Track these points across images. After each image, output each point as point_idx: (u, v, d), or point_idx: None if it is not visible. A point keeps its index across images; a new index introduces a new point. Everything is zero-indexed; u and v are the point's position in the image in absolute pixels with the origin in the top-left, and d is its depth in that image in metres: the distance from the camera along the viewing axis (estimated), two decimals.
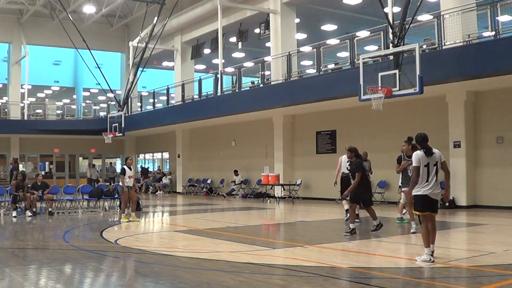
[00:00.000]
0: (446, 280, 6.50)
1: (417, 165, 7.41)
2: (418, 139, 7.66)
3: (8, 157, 30.24)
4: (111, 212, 16.43)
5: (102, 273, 7.26)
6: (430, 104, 17.27)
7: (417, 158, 7.43)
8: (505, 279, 6.38)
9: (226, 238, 10.06)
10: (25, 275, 7.13)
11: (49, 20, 31.55)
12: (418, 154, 7.45)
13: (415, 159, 7.44)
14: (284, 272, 7.10)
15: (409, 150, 10.39)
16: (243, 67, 23.50)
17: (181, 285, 6.34)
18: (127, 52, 32.74)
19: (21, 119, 30.45)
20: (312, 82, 18.74)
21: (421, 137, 7.67)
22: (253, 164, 24.41)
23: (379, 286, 6.17)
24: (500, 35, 14.04)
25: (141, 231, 12.36)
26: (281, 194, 21.31)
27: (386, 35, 15.62)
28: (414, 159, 7.46)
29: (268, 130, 23.45)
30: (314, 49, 19.24)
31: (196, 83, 25.53)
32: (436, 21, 15.07)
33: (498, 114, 16.09)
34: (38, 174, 17.16)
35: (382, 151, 18.87)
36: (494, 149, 16.06)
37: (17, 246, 9.79)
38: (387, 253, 8.54)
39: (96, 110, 34.52)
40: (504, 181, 15.76)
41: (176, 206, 20.92)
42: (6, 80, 35.06)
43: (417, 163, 7.41)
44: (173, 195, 27.60)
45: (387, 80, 14.21)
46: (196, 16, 26.63)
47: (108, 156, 37.14)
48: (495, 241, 9.65)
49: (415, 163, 7.43)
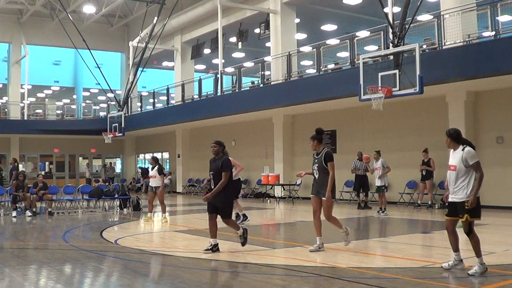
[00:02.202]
0: (446, 280, 6.50)
1: (478, 159, 6.57)
2: (456, 135, 6.70)
3: (8, 157, 30.21)
4: (111, 212, 16.43)
5: (102, 273, 7.25)
6: (430, 104, 17.26)
7: (474, 153, 6.54)
8: (505, 279, 6.38)
9: (226, 238, 10.05)
10: (25, 275, 7.12)
11: (49, 20, 31.55)
12: (472, 151, 6.55)
13: (474, 155, 6.52)
14: (284, 272, 7.09)
15: (318, 146, 8.85)
16: (243, 67, 23.50)
17: (181, 285, 6.34)
18: (127, 52, 32.72)
19: (21, 119, 30.45)
20: (312, 82, 18.73)
21: (457, 133, 6.76)
22: (253, 164, 24.39)
23: (379, 286, 6.17)
24: (500, 35, 14.04)
25: (141, 231, 12.35)
26: (281, 194, 21.31)
27: (386, 35, 15.62)
28: (473, 155, 6.52)
29: (268, 130, 23.45)
30: (314, 49, 19.24)
31: (196, 83, 25.53)
32: (436, 21, 15.07)
33: (498, 114, 16.08)
34: (39, 175, 17.17)
35: (382, 151, 18.81)
36: (494, 149, 16.05)
37: (17, 246, 9.78)
38: (387, 253, 8.54)
39: (96, 110, 34.55)
40: (504, 181, 15.76)
41: (176, 206, 20.91)
42: (6, 80, 35.06)
43: (477, 158, 6.57)
44: (173, 195, 27.59)
45: (387, 80, 14.21)
46: (196, 16, 26.64)
47: (108, 156, 37.14)
48: (495, 241, 9.64)
49: (476, 159, 6.52)
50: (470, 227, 6.55)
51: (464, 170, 6.53)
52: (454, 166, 6.61)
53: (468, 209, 6.45)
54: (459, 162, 6.57)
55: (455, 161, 6.61)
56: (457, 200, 6.56)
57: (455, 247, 6.81)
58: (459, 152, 6.63)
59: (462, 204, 6.51)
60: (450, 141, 6.76)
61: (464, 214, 6.49)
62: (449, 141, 6.76)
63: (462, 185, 6.52)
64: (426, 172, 16.53)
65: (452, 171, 6.65)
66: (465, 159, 6.51)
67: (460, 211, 6.53)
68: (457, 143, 6.70)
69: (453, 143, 6.74)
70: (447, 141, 6.78)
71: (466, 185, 6.51)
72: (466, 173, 6.53)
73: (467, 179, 6.52)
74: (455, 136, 6.72)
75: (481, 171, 6.51)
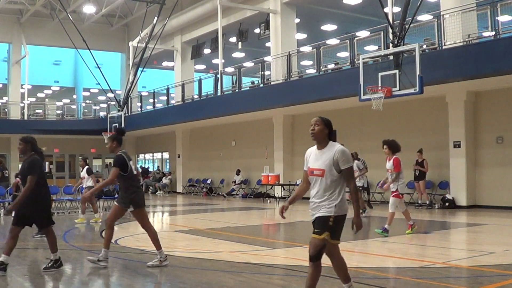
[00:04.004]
0: (446, 280, 6.50)
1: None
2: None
3: (8, 157, 30.25)
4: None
5: (102, 273, 7.25)
6: (430, 104, 17.26)
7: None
8: (505, 279, 6.38)
9: (226, 238, 10.06)
10: (25, 275, 7.13)
11: (49, 20, 31.55)
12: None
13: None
14: (284, 272, 7.10)
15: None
16: (243, 67, 23.51)
17: (181, 285, 6.34)
18: (127, 52, 32.74)
19: (21, 119, 30.47)
20: (312, 82, 18.73)
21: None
22: (253, 164, 24.40)
23: (379, 286, 6.17)
24: (500, 35, 14.04)
25: (141, 231, 12.34)
26: (281, 194, 21.31)
27: (386, 35, 15.62)
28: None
29: (268, 130, 23.44)
30: (314, 49, 19.24)
31: (196, 83, 25.53)
32: (436, 21, 15.07)
33: (498, 114, 16.08)
34: None
35: (382, 151, 18.85)
36: (494, 149, 16.05)
37: (17, 246, 9.76)
38: (387, 253, 8.54)
39: (96, 110, 34.55)
40: (504, 181, 15.76)
41: (176, 206, 20.92)
42: (6, 80, 35.08)
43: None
44: (173, 195, 27.60)
45: (387, 80, 14.21)
46: (196, 16, 26.64)
47: (108, 156, 37.13)
48: (495, 241, 9.65)
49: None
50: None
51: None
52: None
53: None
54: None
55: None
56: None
57: None
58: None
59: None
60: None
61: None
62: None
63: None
64: (419, 173, 16.57)
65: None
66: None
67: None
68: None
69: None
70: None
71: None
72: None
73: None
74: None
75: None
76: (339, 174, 4.87)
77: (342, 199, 4.88)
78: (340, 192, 4.89)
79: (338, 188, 4.89)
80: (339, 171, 4.86)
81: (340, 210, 4.87)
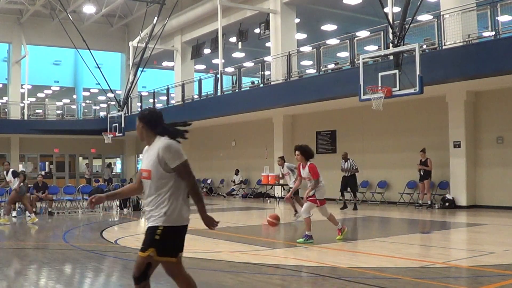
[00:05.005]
0: (446, 280, 6.50)
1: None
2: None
3: (8, 157, 30.25)
4: (111, 212, 16.43)
5: (102, 273, 7.26)
6: (430, 104, 17.26)
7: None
8: (505, 279, 6.38)
9: (226, 238, 10.05)
10: (25, 275, 7.13)
11: (49, 20, 31.55)
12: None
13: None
14: (284, 272, 7.09)
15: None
16: (243, 67, 23.49)
17: None
18: (127, 52, 32.72)
19: (21, 119, 30.45)
20: (312, 82, 18.73)
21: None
22: (253, 164, 24.40)
23: (379, 286, 6.17)
24: (500, 35, 14.04)
25: (141, 231, 12.34)
26: (281, 194, 21.30)
27: (386, 35, 15.62)
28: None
29: (268, 130, 23.44)
30: (314, 49, 19.24)
31: (196, 83, 25.52)
32: (436, 21, 15.06)
33: (498, 114, 16.08)
34: (39, 175, 17.19)
35: (382, 151, 18.89)
36: (494, 149, 16.05)
37: (17, 246, 9.78)
38: (387, 253, 8.54)
39: (96, 110, 34.54)
40: (504, 181, 15.76)
41: None
42: (6, 80, 35.05)
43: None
44: None
45: (387, 80, 14.21)
46: (196, 16, 26.63)
47: (108, 156, 37.15)
48: (495, 241, 9.65)
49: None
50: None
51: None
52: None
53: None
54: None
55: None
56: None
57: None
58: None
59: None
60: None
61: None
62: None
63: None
64: (424, 172, 16.51)
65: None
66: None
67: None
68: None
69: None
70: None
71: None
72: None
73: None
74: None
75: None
76: (171, 174, 4.01)
77: (176, 206, 4.06)
78: (172, 197, 4.04)
79: (169, 192, 4.02)
80: (169, 171, 4.00)
81: (173, 220, 4.04)
